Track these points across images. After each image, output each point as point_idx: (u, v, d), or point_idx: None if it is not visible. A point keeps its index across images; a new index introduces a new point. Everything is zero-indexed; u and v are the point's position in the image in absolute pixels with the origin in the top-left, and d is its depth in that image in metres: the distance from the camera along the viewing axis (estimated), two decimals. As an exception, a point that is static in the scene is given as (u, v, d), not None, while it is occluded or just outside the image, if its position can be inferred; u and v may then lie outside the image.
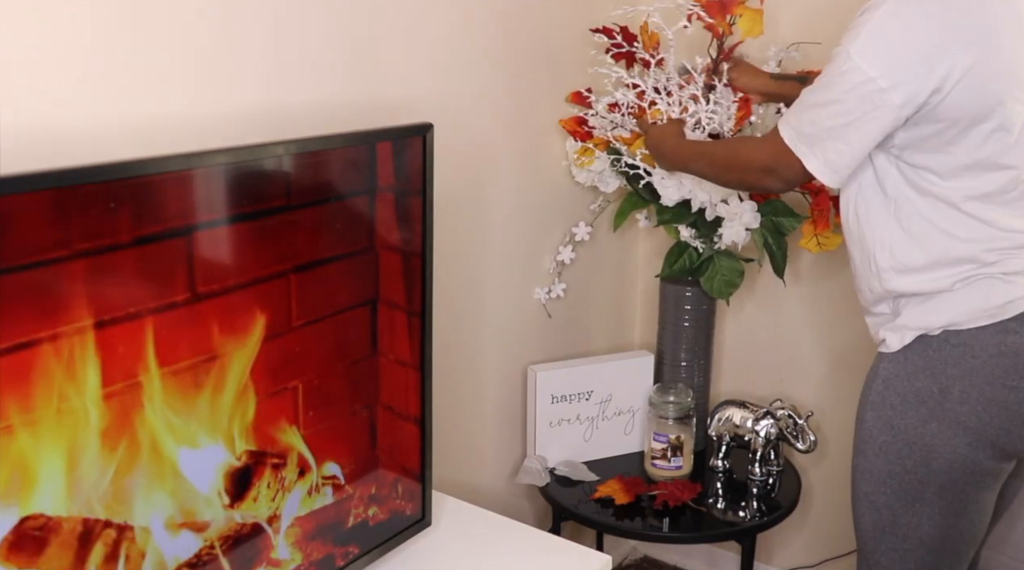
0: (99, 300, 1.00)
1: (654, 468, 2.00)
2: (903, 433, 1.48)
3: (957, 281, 1.43)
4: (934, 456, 1.45)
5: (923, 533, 1.50)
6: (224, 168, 1.11)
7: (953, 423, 1.44)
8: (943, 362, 1.44)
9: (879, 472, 1.51)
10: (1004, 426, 1.43)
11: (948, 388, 1.44)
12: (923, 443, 1.46)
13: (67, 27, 1.13)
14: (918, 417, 1.46)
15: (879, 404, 1.51)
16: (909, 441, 1.47)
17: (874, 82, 1.35)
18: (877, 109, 1.36)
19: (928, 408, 1.45)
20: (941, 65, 1.33)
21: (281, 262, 1.20)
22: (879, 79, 1.35)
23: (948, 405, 1.44)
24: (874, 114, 1.37)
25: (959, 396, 1.43)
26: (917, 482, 1.48)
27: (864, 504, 1.55)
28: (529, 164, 1.96)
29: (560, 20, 1.95)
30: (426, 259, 1.40)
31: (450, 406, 1.83)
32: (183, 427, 1.11)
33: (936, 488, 1.47)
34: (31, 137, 1.10)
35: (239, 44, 1.33)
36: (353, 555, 1.39)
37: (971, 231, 1.41)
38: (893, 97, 1.35)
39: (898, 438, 1.48)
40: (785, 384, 2.22)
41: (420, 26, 1.63)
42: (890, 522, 1.52)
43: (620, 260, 2.28)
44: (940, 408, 1.44)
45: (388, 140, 1.32)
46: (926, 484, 1.47)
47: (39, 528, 0.98)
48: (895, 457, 1.49)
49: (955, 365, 1.43)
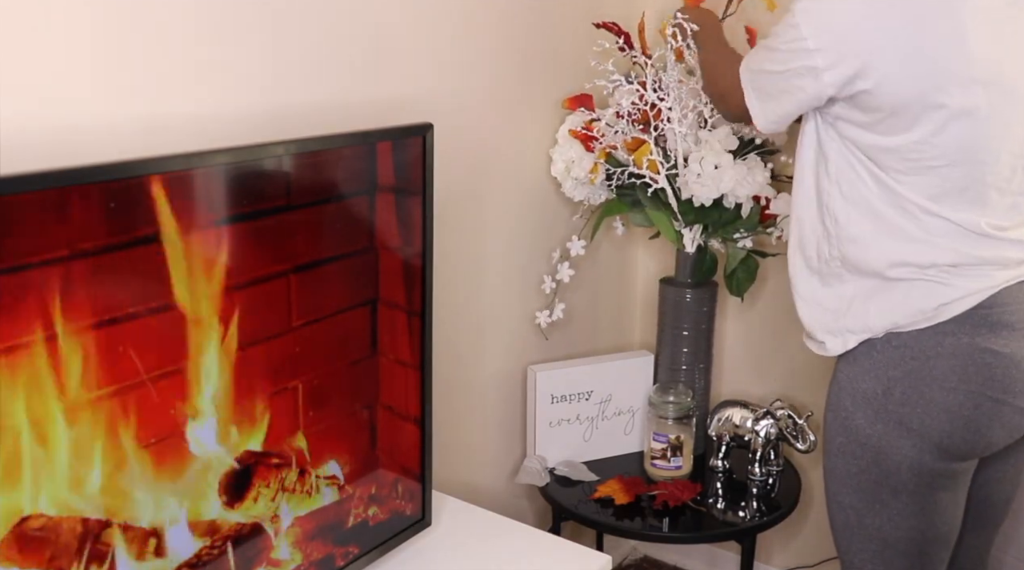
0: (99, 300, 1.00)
1: (654, 468, 2.00)
2: (855, 434, 1.48)
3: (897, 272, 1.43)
4: (883, 457, 1.46)
5: (887, 534, 1.50)
6: (224, 168, 1.11)
7: (897, 424, 1.44)
8: (885, 363, 1.44)
9: (840, 473, 1.52)
10: (946, 428, 1.41)
11: (890, 389, 1.44)
12: (872, 444, 1.46)
13: (67, 27, 1.13)
14: (865, 418, 1.46)
15: (835, 405, 1.52)
16: (861, 442, 1.48)
17: (804, 41, 1.39)
18: (802, 67, 1.40)
19: (873, 409, 1.45)
20: (868, 53, 1.34)
21: (281, 262, 1.20)
22: (809, 39, 1.38)
23: (891, 407, 1.44)
24: (798, 71, 1.41)
25: (900, 397, 1.43)
26: (873, 483, 1.48)
27: (833, 504, 1.56)
28: (529, 164, 1.96)
29: (561, 20, 1.95)
30: (426, 259, 1.40)
31: (450, 406, 1.83)
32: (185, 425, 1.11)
33: (890, 489, 1.47)
34: (31, 137, 1.10)
35: (239, 44, 1.33)
36: (353, 555, 1.39)
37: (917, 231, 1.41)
38: (817, 60, 1.38)
39: (851, 439, 1.49)
40: (785, 384, 2.22)
41: (420, 26, 1.63)
42: (856, 522, 1.52)
43: (619, 261, 2.28)
44: (884, 409, 1.44)
45: (388, 140, 1.32)
46: (881, 485, 1.48)
47: (39, 528, 0.98)
48: (851, 458, 1.50)
49: (896, 366, 1.43)
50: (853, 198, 1.45)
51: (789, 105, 1.47)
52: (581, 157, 1.91)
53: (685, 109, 1.84)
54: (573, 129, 1.92)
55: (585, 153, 1.91)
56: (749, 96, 1.52)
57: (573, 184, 1.95)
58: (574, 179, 1.94)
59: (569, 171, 1.93)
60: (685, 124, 1.84)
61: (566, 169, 1.94)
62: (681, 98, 1.84)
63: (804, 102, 1.45)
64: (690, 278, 2.02)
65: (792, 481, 2.02)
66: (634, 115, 1.87)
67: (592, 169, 1.91)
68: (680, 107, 1.84)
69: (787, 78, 1.44)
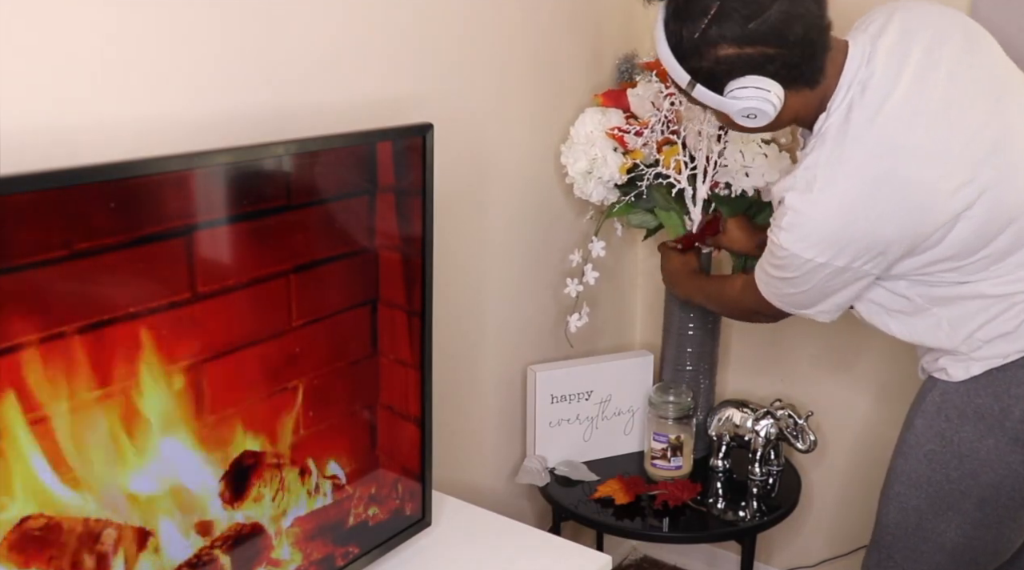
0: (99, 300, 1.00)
1: (654, 468, 2.00)
2: (955, 445, 1.48)
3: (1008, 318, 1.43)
4: (985, 470, 1.46)
5: (946, 539, 1.50)
6: (224, 168, 1.11)
7: (1012, 440, 1.44)
8: (1007, 382, 1.44)
9: (917, 477, 1.52)
10: None
11: (1010, 407, 1.44)
12: (976, 457, 1.46)
13: (67, 28, 1.13)
14: (975, 432, 1.46)
15: (933, 414, 1.51)
16: (960, 454, 1.47)
17: (814, 260, 1.39)
18: (827, 275, 1.41)
19: (987, 424, 1.45)
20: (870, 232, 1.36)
21: (281, 262, 1.20)
22: (818, 257, 1.38)
23: (1008, 424, 1.44)
24: (827, 278, 1.42)
25: (1021, 415, 1.43)
26: (958, 492, 1.48)
27: (893, 503, 1.55)
28: (530, 163, 1.96)
29: (563, 20, 1.95)
30: (426, 259, 1.40)
31: (450, 406, 1.83)
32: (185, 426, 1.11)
33: (977, 500, 1.47)
34: (32, 137, 1.10)
35: (239, 44, 1.33)
36: (353, 555, 1.39)
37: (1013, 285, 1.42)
38: (838, 263, 1.39)
39: (948, 449, 1.48)
40: (785, 384, 2.22)
41: (420, 26, 1.63)
42: (915, 524, 1.53)
43: (620, 261, 2.28)
44: (1000, 426, 1.44)
45: (388, 140, 1.32)
46: (967, 495, 1.48)
47: (39, 528, 0.98)
48: (939, 466, 1.49)
49: (1020, 385, 1.43)
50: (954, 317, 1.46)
51: (841, 299, 1.48)
52: (606, 156, 1.88)
53: None
54: (610, 131, 1.88)
55: (612, 153, 1.88)
56: (795, 312, 1.53)
57: (595, 184, 1.91)
58: (597, 179, 1.90)
59: (592, 171, 1.90)
60: (710, 123, 1.82)
61: (588, 169, 1.90)
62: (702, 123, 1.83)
63: (854, 292, 1.46)
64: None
65: (792, 481, 2.02)
66: (669, 115, 1.85)
67: (622, 169, 1.87)
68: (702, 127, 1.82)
69: (819, 289, 1.45)
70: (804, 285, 1.44)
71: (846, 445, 2.19)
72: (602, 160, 1.88)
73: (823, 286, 1.43)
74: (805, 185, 1.37)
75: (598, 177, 1.89)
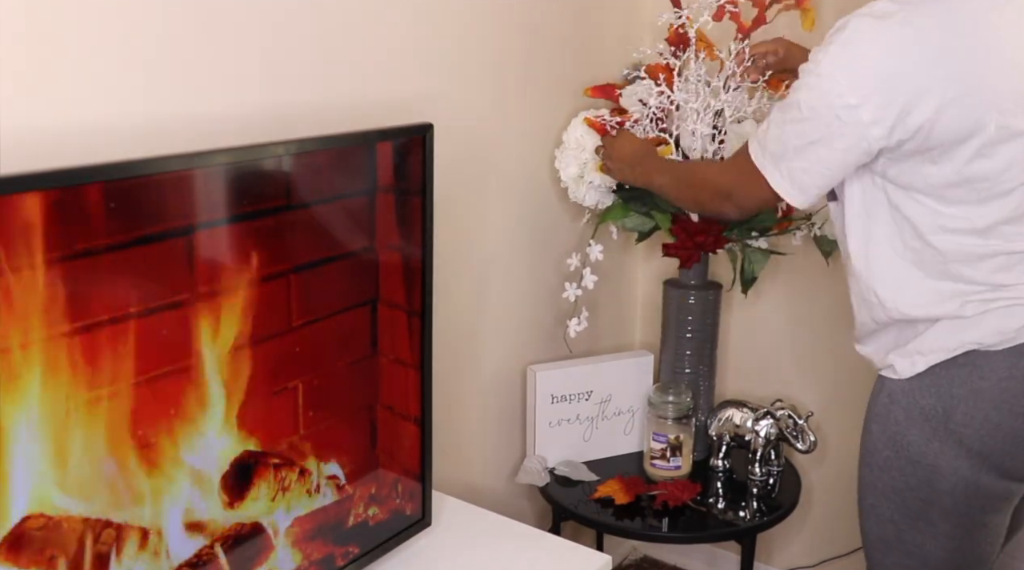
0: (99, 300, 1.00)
1: (653, 468, 2.00)
2: (906, 450, 1.43)
3: (968, 303, 1.38)
4: (938, 477, 1.41)
5: (927, 552, 1.45)
6: (224, 168, 1.11)
7: (956, 444, 1.39)
8: (949, 381, 1.39)
9: (883, 487, 1.47)
10: (1009, 451, 1.38)
11: (952, 408, 1.39)
12: (927, 463, 1.41)
13: (66, 28, 1.13)
14: (922, 435, 1.41)
15: (883, 417, 1.46)
16: (912, 459, 1.42)
17: (843, 97, 1.30)
18: (845, 126, 1.32)
19: (932, 427, 1.40)
20: (914, 93, 1.28)
21: (281, 262, 1.20)
22: (848, 94, 1.30)
23: (951, 426, 1.39)
24: (841, 131, 1.32)
25: (962, 418, 1.38)
26: (921, 501, 1.43)
27: (870, 516, 1.51)
28: (530, 164, 1.96)
29: (563, 20, 1.95)
30: (426, 259, 1.40)
31: (450, 406, 1.83)
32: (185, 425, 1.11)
33: (940, 510, 1.42)
34: (31, 137, 1.10)
35: (239, 44, 1.33)
36: (353, 555, 1.39)
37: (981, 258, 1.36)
38: (861, 114, 1.30)
39: (901, 455, 1.43)
40: (785, 384, 2.22)
41: (421, 26, 1.63)
42: (895, 536, 1.48)
43: (619, 262, 2.28)
44: (944, 428, 1.39)
45: (388, 140, 1.32)
46: (930, 504, 1.43)
47: (39, 528, 0.98)
48: (899, 474, 1.44)
49: (961, 385, 1.38)
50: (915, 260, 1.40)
51: (833, 172, 1.38)
52: (595, 158, 1.87)
53: (708, 108, 1.81)
54: (590, 118, 1.87)
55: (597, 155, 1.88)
56: (775, 179, 1.41)
57: (587, 189, 1.90)
58: (589, 183, 1.90)
59: (583, 175, 1.89)
60: (705, 123, 1.82)
61: (580, 173, 1.89)
62: (703, 97, 1.82)
63: (851, 163, 1.36)
64: (693, 280, 2.02)
65: (792, 481, 2.02)
66: (659, 113, 1.84)
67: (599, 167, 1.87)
68: (703, 107, 1.82)
69: (825, 145, 1.35)
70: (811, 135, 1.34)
71: (846, 445, 2.19)
72: (593, 165, 1.88)
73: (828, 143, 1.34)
74: (881, 14, 1.29)
75: (589, 181, 1.90)
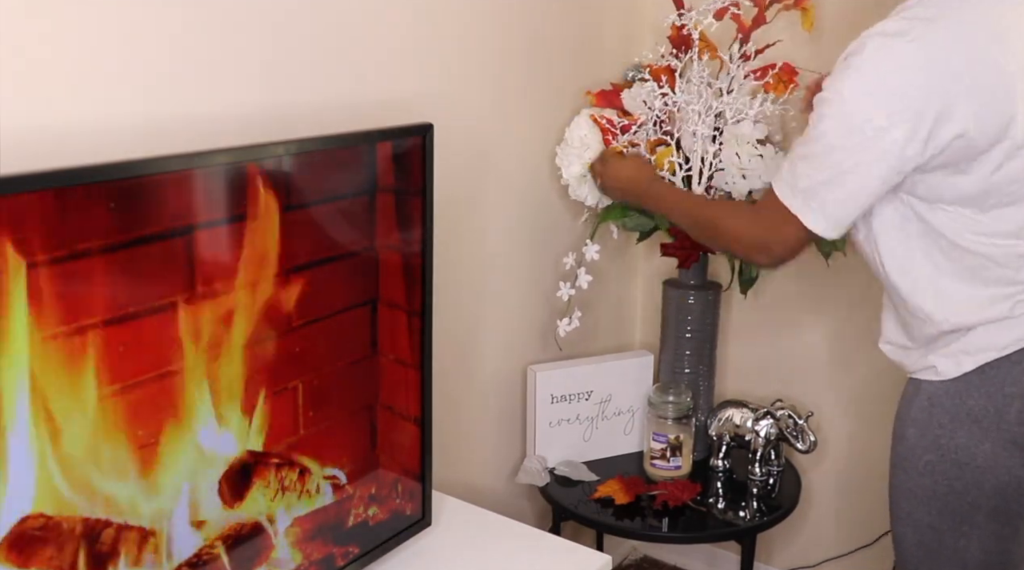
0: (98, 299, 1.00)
1: (653, 468, 2.00)
2: (953, 453, 1.40)
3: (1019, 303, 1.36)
4: (987, 478, 1.38)
5: (970, 556, 1.42)
6: (224, 168, 1.11)
7: (1010, 443, 1.36)
8: (1000, 380, 1.36)
9: (923, 492, 1.44)
10: None
11: (1005, 407, 1.36)
12: (975, 465, 1.38)
13: (66, 28, 1.13)
14: (971, 437, 1.38)
15: (924, 422, 1.42)
16: (960, 462, 1.39)
17: (871, 121, 1.28)
18: (877, 149, 1.29)
19: (982, 428, 1.37)
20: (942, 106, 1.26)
21: (281, 262, 1.20)
22: (876, 116, 1.28)
23: (1004, 426, 1.36)
24: (875, 156, 1.30)
25: (1016, 416, 1.35)
26: (967, 504, 1.40)
27: (907, 523, 1.47)
28: (530, 164, 1.96)
29: (564, 21, 1.95)
30: (426, 259, 1.40)
31: (450, 406, 1.83)
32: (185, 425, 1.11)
33: (988, 511, 1.40)
34: (32, 137, 1.10)
35: (239, 44, 1.33)
36: (353, 555, 1.39)
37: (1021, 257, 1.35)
38: (894, 134, 1.27)
39: (946, 458, 1.40)
40: (785, 384, 2.22)
41: (421, 26, 1.63)
42: (936, 543, 1.45)
43: (619, 262, 2.28)
44: (996, 428, 1.36)
45: (388, 140, 1.32)
46: (977, 508, 1.40)
47: (39, 528, 0.98)
48: (942, 478, 1.41)
49: (1014, 383, 1.36)
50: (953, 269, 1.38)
51: (867, 199, 1.35)
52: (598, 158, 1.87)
53: (709, 110, 1.82)
54: (596, 118, 1.86)
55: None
56: (810, 218, 1.37)
57: (589, 188, 1.90)
58: (590, 182, 1.89)
59: (586, 175, 1.89)
60: (706, 125, 1.82)
61: (583, 172, 1.89)
62: (705, 99, 1.82)
63: (885, 188, 1.33)
64: (693, 280, 2.02)
65: (792, 481, 2.02)
66: (662, 116, 1.84)
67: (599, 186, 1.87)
68: (705, 108, 1.82)
69: (859, 172, 1.32)
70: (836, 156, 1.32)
71: (846, 445, 2.19)
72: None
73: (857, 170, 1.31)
74: (895, 32, 1.28)
75: (591, 180, 1.90)
